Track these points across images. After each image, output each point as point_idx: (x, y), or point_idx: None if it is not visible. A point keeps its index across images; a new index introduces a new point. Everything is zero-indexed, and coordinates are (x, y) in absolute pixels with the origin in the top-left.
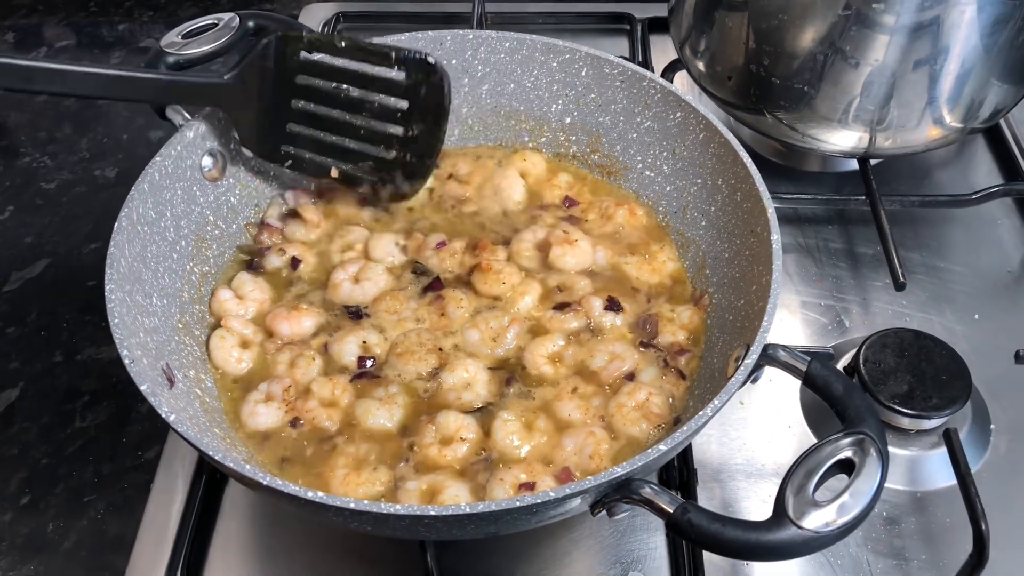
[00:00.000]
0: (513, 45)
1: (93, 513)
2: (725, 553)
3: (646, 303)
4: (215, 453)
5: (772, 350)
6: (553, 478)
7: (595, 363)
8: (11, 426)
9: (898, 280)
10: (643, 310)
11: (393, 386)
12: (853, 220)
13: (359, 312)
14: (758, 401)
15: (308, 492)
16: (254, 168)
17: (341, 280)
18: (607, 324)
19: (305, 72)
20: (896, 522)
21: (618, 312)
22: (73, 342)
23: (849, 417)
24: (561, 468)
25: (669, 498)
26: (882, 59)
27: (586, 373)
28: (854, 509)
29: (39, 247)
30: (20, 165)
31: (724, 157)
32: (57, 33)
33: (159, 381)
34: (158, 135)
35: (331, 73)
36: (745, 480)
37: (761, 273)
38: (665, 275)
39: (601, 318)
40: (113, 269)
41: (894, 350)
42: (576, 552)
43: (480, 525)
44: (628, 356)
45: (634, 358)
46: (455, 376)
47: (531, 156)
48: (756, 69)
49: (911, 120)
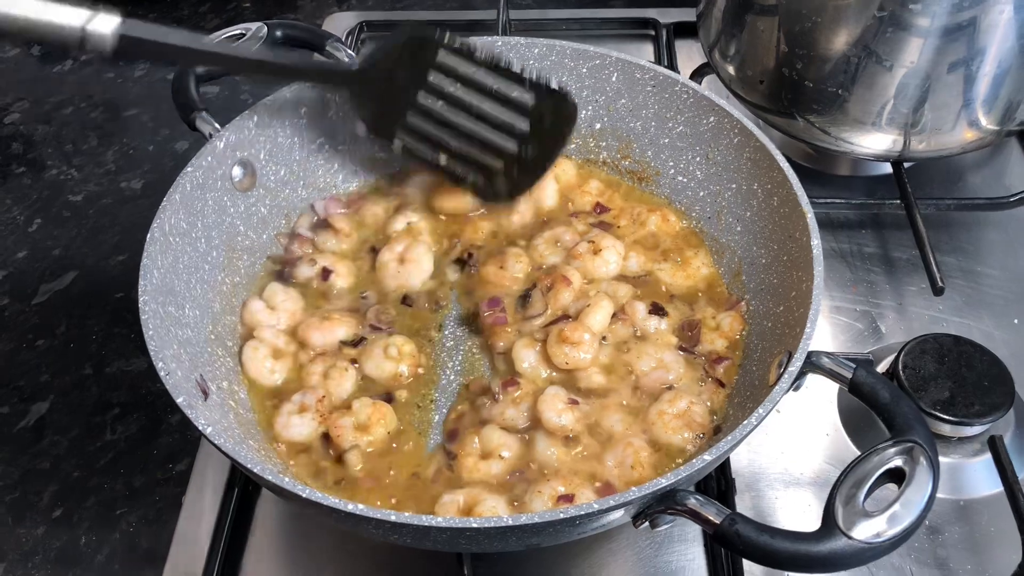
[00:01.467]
0: (542, 51)
1: (125, 526)
2: (774, 564)
3: (688, 309)
4: (253, 466)
5: (816, 357)
6: (592, 490)
7: (640, 368)
8: (42, 439)
9: (936, 285)
10: (685, 316)
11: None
12: (886, 224)
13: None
14: (794, 408)
15: (348, 505)
16: (284, 178)
17: (387, 260)
18: (652, 329)
19: (438, 71)
20: (939, 531)
21: (663, 317)
22: (102, 354)
23: (897, 425)
24: (603, 480)
25: (716, 509)
26: (917, 61)
27: (632, 382)
28: (906, 519)
29: (67, 259)
30: (47, 178)
31: (760, 162)
32: None
33: (194, 393)
34: (183, 146)
35: (462, 79)
36: (783, 489)
37: (801, 279)
38: (699, 280)
39: (645, 323)
40: (146, 280)
41: (934, 356)
42: (614, 563)
43: (522, 537)
44: (674, 365)
45: (680, 367)
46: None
47: (561, 162)
48: (788, 72)
49: (946, 123)
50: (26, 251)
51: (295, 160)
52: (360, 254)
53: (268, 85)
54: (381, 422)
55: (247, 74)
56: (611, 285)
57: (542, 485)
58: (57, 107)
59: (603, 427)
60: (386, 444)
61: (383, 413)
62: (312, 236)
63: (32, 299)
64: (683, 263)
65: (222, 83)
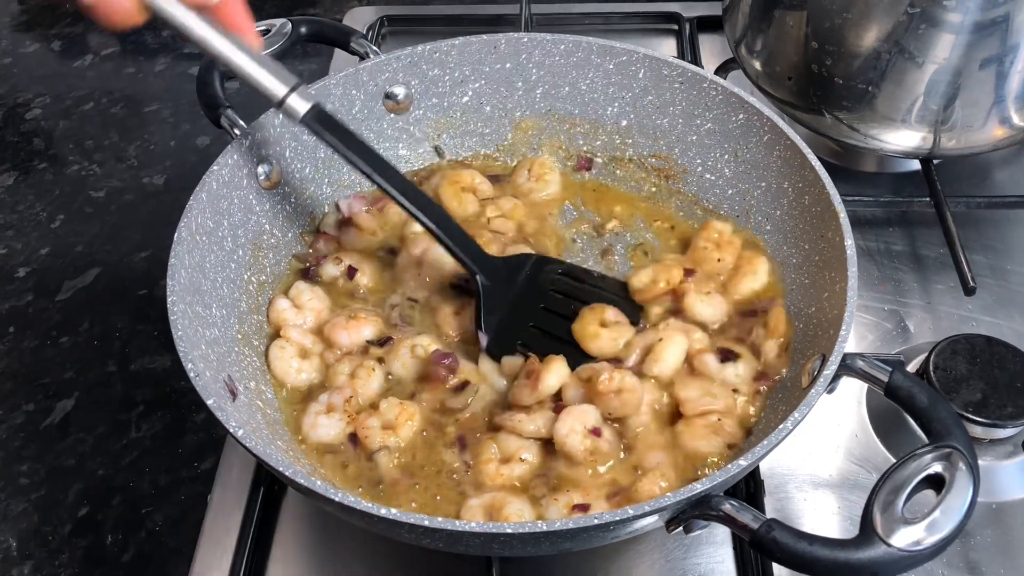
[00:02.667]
0: (568, 48)
1: (151, 525)
2: (812, 572)
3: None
4: (285, 468)
5: (851, 359)
6: (606, 500)
7: (683, 395)
8: (67, 436)
9: (967, 284)
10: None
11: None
12: (915, 222)
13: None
14: (821, 408)
15: (381, 509)
16: (309, 176)
17: (407, 262)
18: (732, 377)
19: (554, 289)
20: (971, 535)
21: (736, 360)
22: (126, 351)
23: (935, 430)
24: (622, 490)
25: (752, 515)
26: (948, 58)
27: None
28: (946, 526)
29: (89, 256)
30: (69, 174)
31: (791, 160)
32: (101, 41)
33: (223, 394)
34: (205, 142)
35: (576, 293)
36: (813, 492)
37: (834, 279)
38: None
39: (722, 373)
40: (175, 281)
41: (965, 356)
42: (642, 566)
43: (555, 542)
44: (721, 393)
45: (727, 396)
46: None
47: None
48: (817, 68)
49: (977, 120)
50: (49, 247)
51: (319, 158)
52: (381, 254)
53: None
54: (408, 422)
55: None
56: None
57: (558, 493)
58: (78, 102)
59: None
60: (414, 444)
61: (411, 413)
62: (337, 235)
63: (56, 296)
64: (747, 274)
65: None
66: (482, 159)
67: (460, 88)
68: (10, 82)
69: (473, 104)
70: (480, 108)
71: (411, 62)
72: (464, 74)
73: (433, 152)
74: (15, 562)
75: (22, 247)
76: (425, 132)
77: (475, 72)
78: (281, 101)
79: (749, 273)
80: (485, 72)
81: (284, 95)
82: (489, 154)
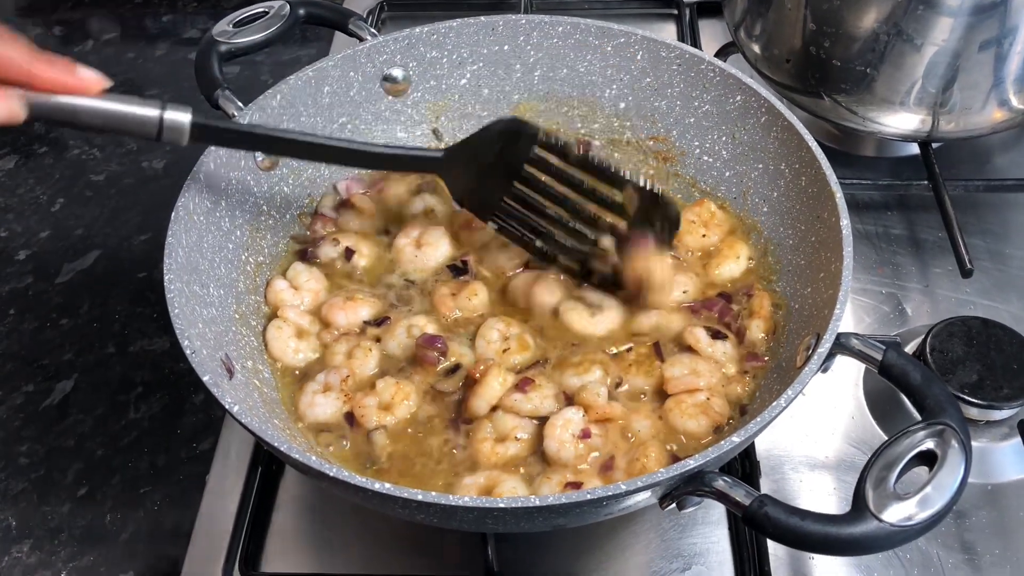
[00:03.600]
0: (566, 29)
1: (150, 504)
2: (804, 547)
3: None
4: (280, 444)
5: (845, 339)
6: (600, 479)
7: (670, 373)
8: (67, 417)
9: (965, 267)
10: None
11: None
12: (913, 205)
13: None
14: (819, 390)
15: (375, 484)
16: None
17: (403, 245)
18: (720, 354)
19: (533, 165)
20: (966, 515)
21: (725, 339)
22: (125, 333)
23: (928, 407)
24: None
25: (744, 491)
26: (947, 40)
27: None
28: (938, 502)
29: (89, 239)
30: (69, 157)
31: (788, 141)
32: (102, 26)
33: (219, 372)
34: None
35: (558, 174)
36: (807, 471)
37: (830, 260)
38: (742, 271)
39: (710, 349)
40: (171, 259)
41: (962, 338)
42: (637, 545)
43: (549, 517)
44: (707, 372)
45: (714, 376)
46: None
47: None
48: (815, 51)
49: (976, 102)
50: (49, 231)
51: None
52: (378, 236)
53: (289, 68)
54: (405, 402)
55: (327, 161)
56: (665, 318)
57: (551, 472)
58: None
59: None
60: (410, 422)
61: (407, 393)
62: (335, 216)
63: (55, 278)
64: (728, 257)
65: (242, 63)
66: None
67: (458, 70)
68: None
69: (471, 86)
70: (478, 90)
71: (409, 44)
72: (462, 56)
73: (431, 135)
74: (14, 540)
75: (22, 230)
76: (423, 115)
77: (473, 54)
78: (160, 120)
79: (731, 257)
80: (483, 54)
81: (159, 111)
82: None
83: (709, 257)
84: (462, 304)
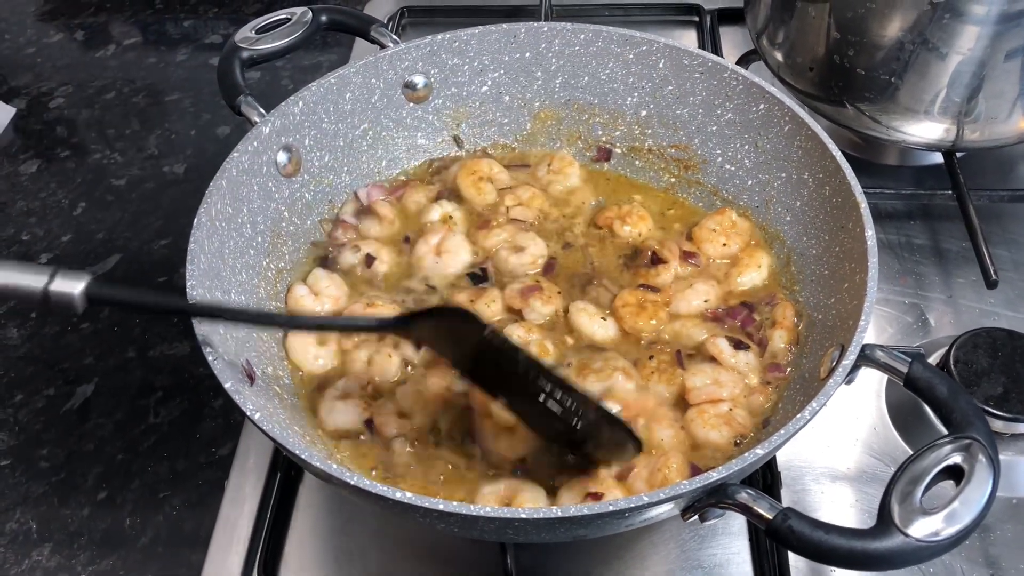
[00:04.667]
0: (588, 37)
1: (169, 509)
2: (828, 562)
3: (746, 312)
4: (301, 452)
5: (870, 350)
6: (620, 489)
7: (691, 383)
8: (87, 421)
9: (990, 278)
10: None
11: None
12: (936, 215)
13: None
14: (840, 400)
15: (396, 492)
16: (328, 164)
17: (424, 252)
18: (742, 365)
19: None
20: (991, 529)
21: (748, 349)
22: (145, 338)
23: (955, 421)
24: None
25: (768, 504)
26: (973, 49)
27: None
28: (965, 518)
29: (110, 243)
30: (91, 162)
31: (811, 150)
32: (124, 31)
33: (240, 379)
34: (225, 131)
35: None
36: (830, 485)
37: (854, 271)
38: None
39: (732, 359)
40: (194, 265)
41: (986, 350)
42: (656, 556)
43: (570, 528)
44: (729, 383)
45: (736, 387)
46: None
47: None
48: (839, 60)
49: (1001, 112)
50: (71, 235)
51: (339, 146)
52: (398, 243)
53: (310, 74)
54: (425, 409)
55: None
56: (685, 326)
57: (572, 482)
58: (100, 92)
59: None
60: (430, 430)
61: (427, 400)
62: (356, 223)
63: None
64: (749, 265)
65: (263, 68)
66: (501, 149)
67: (479, 77)
68: (34, 71)
69: (492, 93)
70: (499, 98)
71: (430, 51)
72: (483, 63)
73: (452, 142)
74: (35, 544)
75: (44, 233)
76: (444, 121)
77: (494, 61)
78: (45, 290)
79: (752, 266)
80: (504, 61)
81: (48, 279)
82: (508, 144)
83: (730, 266)
84: (480, 311)
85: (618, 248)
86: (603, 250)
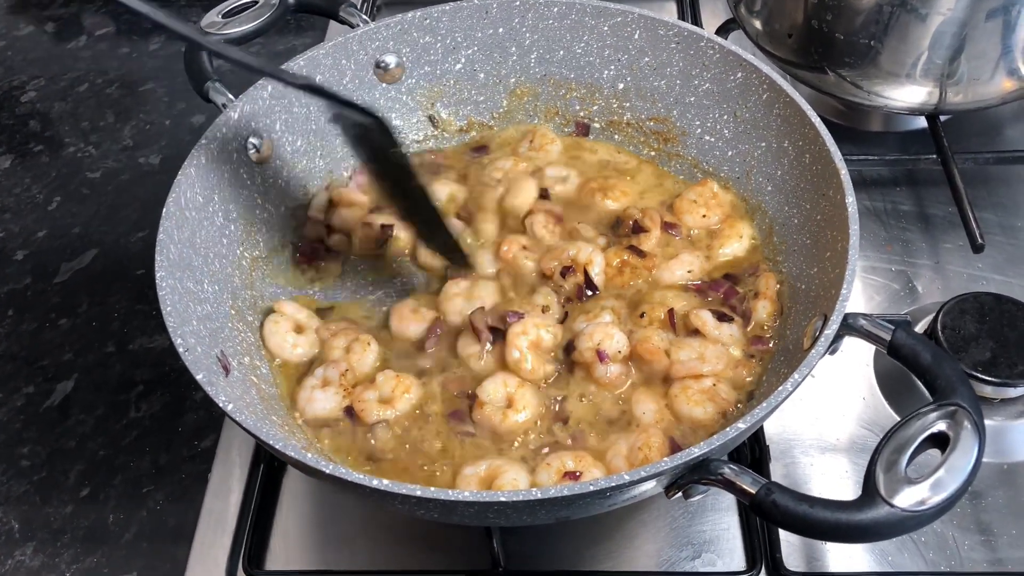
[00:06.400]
0: (562, 10)
1: (152, 504)
2: (813, 535)
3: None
4: (275, 442)
5: (852, 319)
6: (600, 468)
7: (677, 356)
8: (68, 418)
9: (976, 242)
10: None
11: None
12: (921, 181)
13: None
14: (829, 372)
15: (372, 480)
16: (301, 149)
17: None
18: (726, 336)
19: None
20: (982, 496)
21: (731, 322)
22: (125, 332)
23: (940, 388)
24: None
25: (751, 479)
26: (953, 9)
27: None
28: (951, 486)
29: (87, 237)
30: (65, 155)
31: (790, 118)
32: (96, 21)
33: (214, 369)
34: (200, 120)
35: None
36: (818, 456)
37: (836, 239)
38: (745, 251)
39: (716, 331)
40: (163, 256)
41: (974, 315)
42: (646, 534)
43: (551, 510)
44: (713, 358)
45: (721, 362)
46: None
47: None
48: (818, 25)
49: (984, 73)
50: (46, 230)
51: (311, 130)
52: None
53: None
54: (405, 395)
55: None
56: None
57: (551, 458)
58: (73, 84)
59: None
60: (412, 415)
61: (407, 385)
62: (326, 218)
63: (54, 278)
64: (730, 236)
65: None
66: (477, 127)
67: (452, 55)
68: (5, 65)
69: (466, 71)
70: (474, 75)
71: (401, 30)
72: (456, 40)
73: (427, 122)
74: (17, 543)
75: (19, 230)
76: (418, 101)
77: (467, 38)
78: None
79: (733, 236)
80: (477, 38)
81: None
82: (484, 122)
83: (712, 238)
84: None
85: (600, 216)
86: (585, 219)
